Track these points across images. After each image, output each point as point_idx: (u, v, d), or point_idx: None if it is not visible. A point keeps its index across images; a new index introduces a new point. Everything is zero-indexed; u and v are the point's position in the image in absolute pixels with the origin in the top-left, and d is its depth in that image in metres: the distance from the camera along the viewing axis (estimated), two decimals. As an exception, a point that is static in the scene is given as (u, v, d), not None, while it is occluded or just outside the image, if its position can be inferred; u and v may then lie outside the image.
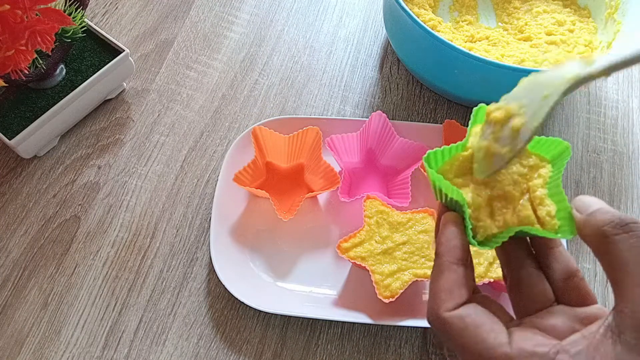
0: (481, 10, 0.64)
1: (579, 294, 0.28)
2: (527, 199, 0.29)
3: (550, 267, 0.29)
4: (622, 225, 0.25)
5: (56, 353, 0.45)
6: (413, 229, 0.47)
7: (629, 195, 0.54)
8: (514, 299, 0.30)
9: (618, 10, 0.55)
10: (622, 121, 0.59)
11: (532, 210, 0.29)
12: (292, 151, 0.52)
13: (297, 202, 0.49)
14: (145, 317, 0.47)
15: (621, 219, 0.25)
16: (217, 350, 0.46)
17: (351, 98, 0.59)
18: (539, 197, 0.28)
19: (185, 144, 0.56)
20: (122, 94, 0.58)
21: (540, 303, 0.29)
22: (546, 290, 0.29)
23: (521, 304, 0.29)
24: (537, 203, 0.28)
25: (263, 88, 0.59)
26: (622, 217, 0.25)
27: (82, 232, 0.51)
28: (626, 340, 0.23)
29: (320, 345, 0.46)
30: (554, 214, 0.28)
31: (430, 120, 0.58)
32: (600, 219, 0.26)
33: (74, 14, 0.50)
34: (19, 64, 0.41)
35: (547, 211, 0.28)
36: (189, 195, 0.53)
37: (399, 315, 0.45)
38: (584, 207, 0.27)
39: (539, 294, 0.29)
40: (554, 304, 0.29)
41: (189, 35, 0.63)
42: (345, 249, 0.46)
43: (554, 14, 0.59)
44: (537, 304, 0.29)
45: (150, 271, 0.49)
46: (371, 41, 0.64)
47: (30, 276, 0.48)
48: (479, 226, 0.28)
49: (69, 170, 0.54)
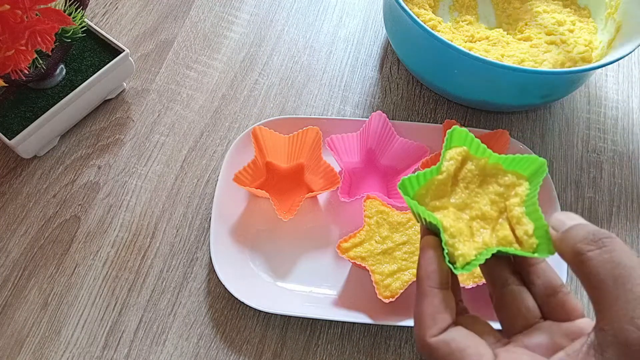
0: (481, 10, 0.64)
1: (565, 309, 0.28)
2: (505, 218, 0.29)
3: (534, 283, 0.29)
4: (595, 241, 0.25)
5: (56, 353, 0.45)
6: (413, 229, 0.47)
7: (629, 195, 0.54)
8: (501, 318, 0.30)
9: (618, 10, 0.55)
10: (622, 121, 0.59)
11: (510, 230, 0.29)
12: (292, 151, 0.52)
13: (297, 202, 0.49)
14: (145, 317, 0.47)
15: (594, 234, 0.25)
16: (217, 350, 0.46)
17: (351, 98, 0.59)
18: (516, 217, 0.29)
19: (185, 144, 0.56)
20: (122, 94, 0.58)
21: (526, 320, 0.29)
22: (530, 307, 0.29)
23: (508, 322, 0.29)
24: (514, 222, 0.29)
25: (263, 88, 0.59)
26: (596, 232, 0.25)
27: (82, 232, 0.51)
28: (608, 358, 0.23)
29: (320, 345, 0.46)
30: (531, 233, 0.28)
31: (430, 120, 0.58)
32: (575, 235, 0.26)
33: (74, 14, 0.50)
34: (19, 64, 0.41)
35: (524, 230, 0.28)
36: (189, 195, 0.53)
37: (399, 315, 0.45)
38: (559, 224, 0.27)
39: (524, 311, 0.29)
40: (540, 320, 0.29)
41: (189, 35, 0.63)
42: (345, 249, 0.46)
43: (554, 14, 0.59)
44: (523, 321, 0.29)
45: (150, 271, 0.49)
46: (371, 41, 0.64)
47: (30, 276, 0.48)
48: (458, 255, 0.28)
49: (69, 170, 0.54)
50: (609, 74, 0.62)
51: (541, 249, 0.28)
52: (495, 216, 0.30)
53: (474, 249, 0.28)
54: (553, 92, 0.53)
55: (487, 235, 0.29)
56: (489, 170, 0.31)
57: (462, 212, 0.30)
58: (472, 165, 0.31)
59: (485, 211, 0.30)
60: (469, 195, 0.30)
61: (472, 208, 0.30)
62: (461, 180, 0.31)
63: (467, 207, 0.30)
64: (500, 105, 0.54)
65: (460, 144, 0.31)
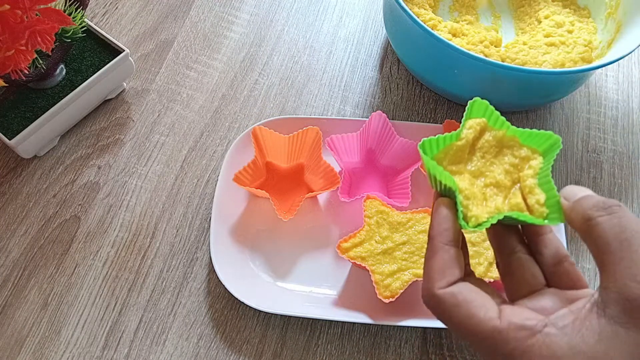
0: (481, 11, 0.64)
1: (569, 278, 0.29)
2: (518, 187, 0.30)
3: (540, 252, 0.30)
4: (605, 208, 0.26)
5: (56, 353, 0.45)
6: (413, 229, 0.47)
7: (629, 195, 0.54)
8: (506, 284, 0.31)
9: (618, 10, 0.55)
10: (622, 121, 0.59)
11: (522, 199, 0.30)
12: (292, 151, 0.52)
13: (297, 202, 0.49)
14: (145, 317, 0.47)
15: (604, 202, 0.26)
16: (217, 350, 0.46)
17: (351, 98, 0.59)
18: (528, 186, 0.30)
19: (185, 144, 0.56)
20: (122, 94, 0.58)
21: (531, 286, 0.29)
22: (537, 274, 0.30)
23: (513, 288, 0.30)
24: (526, 192, 0.30)
25: (263, 88, 0.59)
26: (606, 200, 0.27)
27: (82, 232, 0.51)
28: (610, 313, 0.24)
29: (320, 345, 0.46)
30: (542, 202, 0.29)
31: (430, 120, 0.58)
32: (585, 203, 0.27)
33: (74, 14, 0.50)
34: (19, 64, 0.41)
35: (536, 199, 0.29)
36: (189, 195, 0.53)
37: (399, 315, 0.45)
38: (571, 194, 0.28)
39: (530, 278, 0.30)
40: (544, 287, 0.29)
41: (189, 35, 0.63)
42: (345, 249, 0.46)
43: (553, 16, 0.59)
44: (528, 287, 0.29)
45: (150, 271, 0.49)
46: (371, 41, 0.64)
47: (30, 276, 0.48)
48: (471, 215, 0.29)
49: (69, 170, 0.54)
50: (609, 74, 0.62)
51: (552, 217, 0.29)
52: (508, 185, 0.31)
53: (486, 212, 0.29)
54: (553, 92, 0.53)
55: (499, 202, 0.30)
56: (505, 142, 0.31)
57: (476, 179, 0.31)
58: (490, 136, 0.32)
59: (500, 180, 0.31)
60: (484, 164, 0.31)
61: (486, 176, 0.31)
62: (478, 149, 0.32)
63: (482, 175, 0.31)
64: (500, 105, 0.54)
65: (480, 115, 0.32)
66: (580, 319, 0.25)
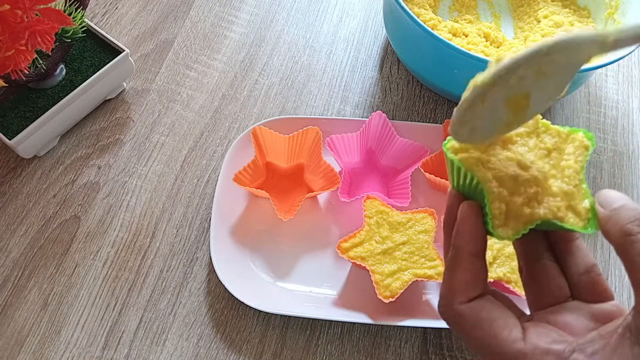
0: (481, 10, 0.64)
1: (595, 289, 0.27)
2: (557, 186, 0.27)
3: (567, 260, 0.28)
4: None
5: (56, 353, 0.45)
6: (413, 229, 0.47)
7: (629, 195, 0.54)
8: (529, 293, 0.29)
9: (618, 10, 0.55)
10: (622, 121, 0.59)
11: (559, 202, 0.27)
12: (292, 151, 0.52)
13: (297, 202, 0.49)
14: (145, 317, 0.47)
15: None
16: (217, 350, 0.46)
17: (351, 98, 0.59)
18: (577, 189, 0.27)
19: (185, 144, 0.56)
20: (122, 94, 0.58)
21: (555, 298, 0.28)
22: (562, 285, 0.28)
23: (536, 298, 0.29)
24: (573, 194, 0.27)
25: (263, 88, 0.59)
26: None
27: (82, 232, 0.51)
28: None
29: (320, 345, 0.46)
30: (589, 208, 0.26)
31: (430, 120, 0.58)
32: (624, 215, 0.24)
33: (74, 14, 0.50)
34: (19, 64, 0.41)
35: (583, 205, 0.27)
36: (189, 195, 0.53)
37: (399, 315, 0.45)
38: (608, 202, 0.26)
39: (554, 288, 0.28)
40: (569, 299, 0.28)
41: (189, 35, 0.63)
42: (345, 249, 0.46)
43: (552, 16, 0.59)
44: (551, 299, 0.28)
45: (150, 271, 0.49)
46: (371, 41, 0.64)
47: (30, 276, 0.48)
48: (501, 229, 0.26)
49: (69, 170, 0.54)
50: (609, 74, 0.62)
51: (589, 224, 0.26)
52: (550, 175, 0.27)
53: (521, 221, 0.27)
54: (553, 92, 0.53)
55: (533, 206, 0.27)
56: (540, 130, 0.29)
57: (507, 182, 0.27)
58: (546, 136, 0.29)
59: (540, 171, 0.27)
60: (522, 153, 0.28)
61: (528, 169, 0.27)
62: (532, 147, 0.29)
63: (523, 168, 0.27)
64: (500, 105, 0.54)
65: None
66: (612, 347, 0.23)
